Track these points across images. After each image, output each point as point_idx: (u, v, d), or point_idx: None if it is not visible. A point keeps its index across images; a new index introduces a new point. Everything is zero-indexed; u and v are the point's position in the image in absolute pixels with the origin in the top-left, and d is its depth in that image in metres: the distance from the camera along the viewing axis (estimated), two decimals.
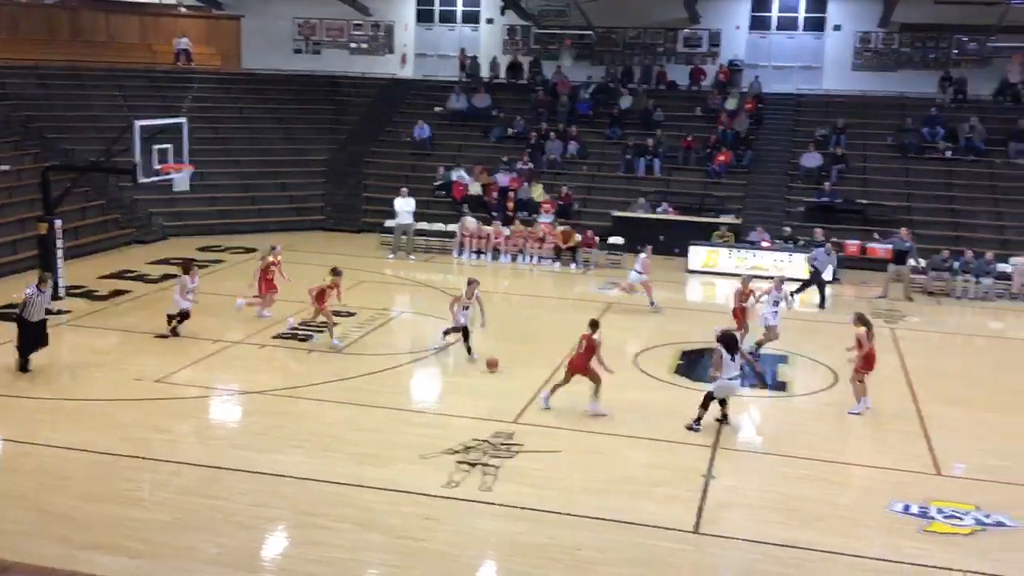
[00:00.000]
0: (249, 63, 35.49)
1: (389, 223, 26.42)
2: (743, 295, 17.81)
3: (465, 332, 16.44)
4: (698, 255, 25.10)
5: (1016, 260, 23.48)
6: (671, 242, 25.83)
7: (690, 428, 13.48)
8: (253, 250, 25.28)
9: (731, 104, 30.84)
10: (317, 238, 27.48)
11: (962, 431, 14.11)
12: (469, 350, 16.38)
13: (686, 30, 33.76)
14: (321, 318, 17.26)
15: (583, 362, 14.01)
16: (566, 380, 14.17)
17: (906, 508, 11.34)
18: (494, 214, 27.18)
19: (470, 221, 26.46)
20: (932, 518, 11.14)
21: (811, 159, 28.51)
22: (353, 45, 36.50)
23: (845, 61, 32.61)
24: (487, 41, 35.31)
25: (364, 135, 32.17)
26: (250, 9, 35.88)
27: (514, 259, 25.54)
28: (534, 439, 12.97)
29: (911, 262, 23.11)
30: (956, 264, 23.28)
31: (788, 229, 25.61)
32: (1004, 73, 30.53)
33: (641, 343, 17.92)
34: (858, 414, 14.41)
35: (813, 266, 22.25)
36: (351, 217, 29.10)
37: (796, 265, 24.08)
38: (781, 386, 16.03)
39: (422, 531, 10.45)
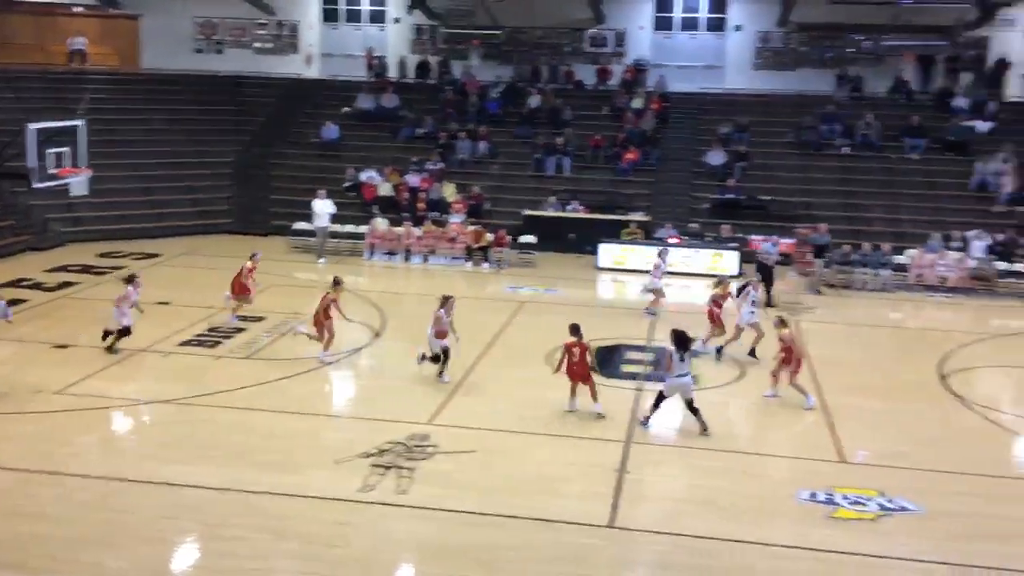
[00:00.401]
0: (149, 63, 34.58)
1: (302, 225, 26.16)
2: (721, 296, 17.81)
3: (439, 356, 15.29)
4: (608, 253, 25.35)
5: (912, 252, 24.37)
6: (582, 240, 26.11)
7: (642, 422, 13.67)
8: (156, 255, 24.72)
9: (637, 103, 31.26)
10: (224, 241, 26.93)
11: (864, 419, 14.55)
12: (438, 364, 15.36)
13: (592, 30, 34.08)
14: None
15: (585, 369, 14.05)
16: (574, 391, 14.17)
17: (813, 496, 11.66)
18: (405, 215, 27.02)
19: (380, 222, 26.28)
20: (838, 505, 11.47)
21: (715, 157, 29.08)
22: (257, 45, 35.85)
23: (746, 60, 33.35)
24: (395, 41, 35.08)
25: (270, 136, 31.66)
26: (149, 8, 34.94)
27: (426, 260, 25.44)
28: (449, 440, 12.94)
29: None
30: (855, 257, 24.02)
31: (695, 225, 26.08)
32: (898, 71, 31.62)
33: (553, 341, 17.99)
34: (811, 408, 14.71)
35: (762, 260, 22.63)
36: (259, 219, 28.58)
37: (703, 261, 24.57)
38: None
39: (338, 537, 10.33)
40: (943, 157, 28.56)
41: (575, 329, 14.18)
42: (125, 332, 16.33)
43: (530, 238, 26.10)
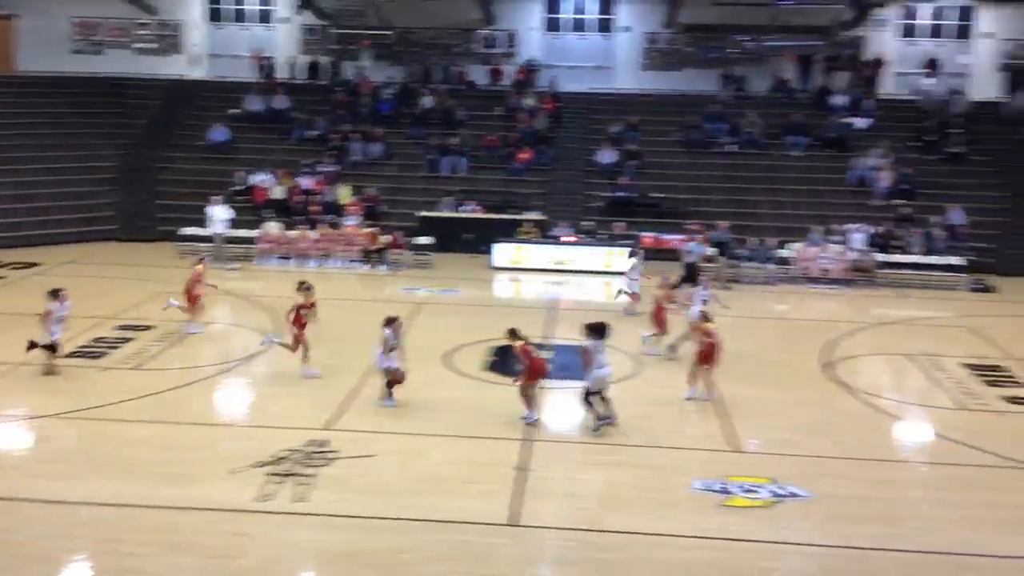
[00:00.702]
0: (25, 65, 33.24)
1: (190, 230, 25.61)
2: (665, 297, 17.92)
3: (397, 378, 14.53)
4: (504, 252, 25.50)
5: (796, 246, 25.20)
6: (478, 240, 26.23)
7: (595, 429, 13.52)
8: (36, 264, 23.82)
9: (530, 103, 31.51)
10: (109, 249, 26.13)
11: (755, 409, 14.99)
12: (390, 395, 14.54)
13: (483, 31, 34.21)
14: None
15: (544, 366, 14.06)
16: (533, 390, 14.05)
17: (707, 485, 11.97)
18: (298, 218, 26.65)
19: (272, 227, 25.87)
20: (731, 493, 11.80)
21: (607, 156, 29.54)
22: (139, 45, 34.76)
23: (634, 61, 33.95)
24: (284, 41, 34.47)
25: (154, 139, 30.80)
26: (24, 8, 33.59)
27: (321, 263, 25.14)
28: (348, 445, 12.83)
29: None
30: (742, 252, 24.71)
31: (590, 223, 26.44)
32: (778, 70, 32.62)
33: (451, 342, 18.04)
34: (695, 399, 15.01)
35: (686, 259, 23.05)
36: (145, 225, 27.82)
37: (599, 259, 24.96)
38: None
39: (236, 549, 10.14)
40: (823, 154, 29.62)
41: (514, 333, 13.94)
42: (52, 348, 15.46)
43: (426, 239, 26.05)
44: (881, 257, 24.93)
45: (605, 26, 34.03)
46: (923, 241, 25.35)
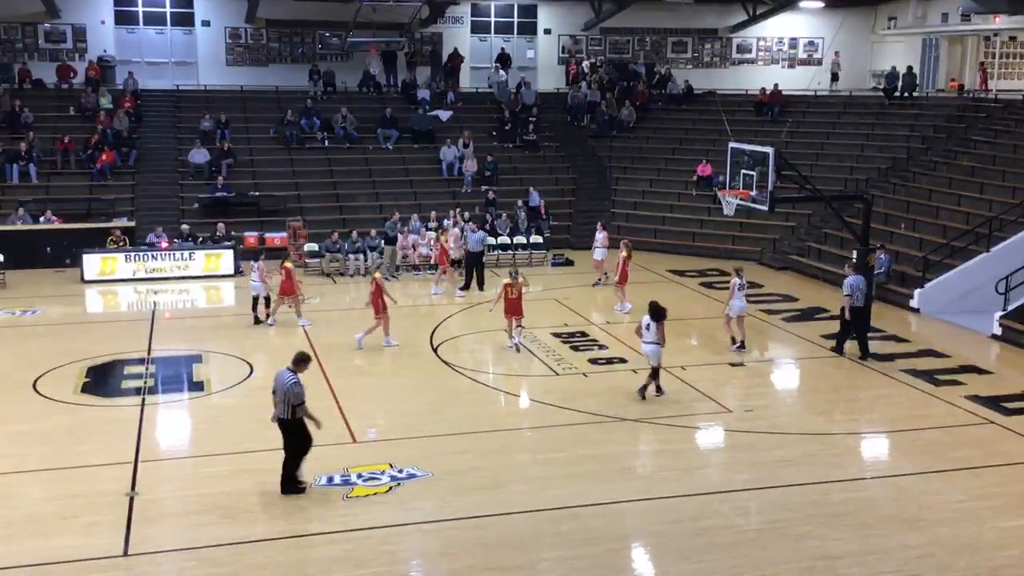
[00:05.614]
0: None
1: None
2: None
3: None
4: (93, 263, 23.68)
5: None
6: (60, 253, 24.27)
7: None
8: None
9: (107, 102, 29.47)
10: None
11: (369, 398, 15.32)
12: None
13: (47, 24, 31.42)
14: None
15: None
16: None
17: (329, 479, 12.03)
18: None
19: None
20: (353, 484, 11.96)
21: (199, 155, 28.42)
22: None
23: (218, 56, 33.02)
24: None
25: None
26: None
27: None
28: None
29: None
30: (345, 244, 24.95)
31: (187, 227, 25.30)
32: (365, 65, 33.30)
33: (39, 367, 16.46)
34: None
35: (471, 250, 23.21)
36: None
37: (199, 263, 24.04)
38: (199, 386, 15.86)
39: None
40: (414, 146, 30.74)
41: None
42: None
43: None
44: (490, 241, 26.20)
45: (183, 20, 32.68)
46: (508, 223, 27.19)
